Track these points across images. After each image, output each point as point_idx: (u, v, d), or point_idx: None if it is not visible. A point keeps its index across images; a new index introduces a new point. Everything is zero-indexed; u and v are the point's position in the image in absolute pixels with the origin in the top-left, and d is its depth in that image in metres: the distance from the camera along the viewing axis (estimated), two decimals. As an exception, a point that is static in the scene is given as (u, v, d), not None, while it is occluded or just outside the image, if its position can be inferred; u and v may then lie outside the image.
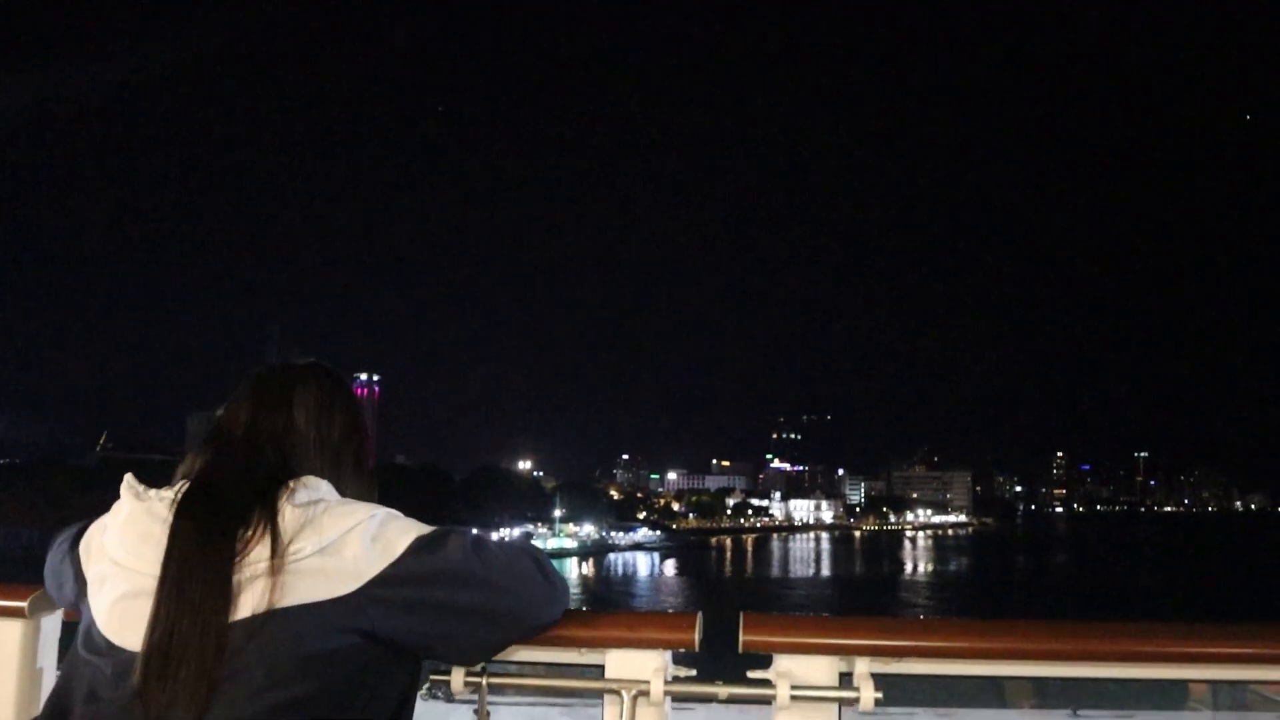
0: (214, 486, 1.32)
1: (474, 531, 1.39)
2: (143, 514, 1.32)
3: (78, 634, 1.35)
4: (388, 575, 1.27)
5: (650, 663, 1.50)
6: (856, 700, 1.45)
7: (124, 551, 1.30)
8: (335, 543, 1.26)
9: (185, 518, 1.28)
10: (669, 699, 1.50)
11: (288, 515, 1.28)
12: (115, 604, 1.28)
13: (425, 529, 1.34)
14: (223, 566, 1.22)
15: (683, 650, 1.52)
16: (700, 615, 1.53)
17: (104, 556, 1.33)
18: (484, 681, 1.50)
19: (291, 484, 1.33)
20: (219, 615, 1.20)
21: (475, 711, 1.52)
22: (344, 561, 1.25)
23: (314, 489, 1.34)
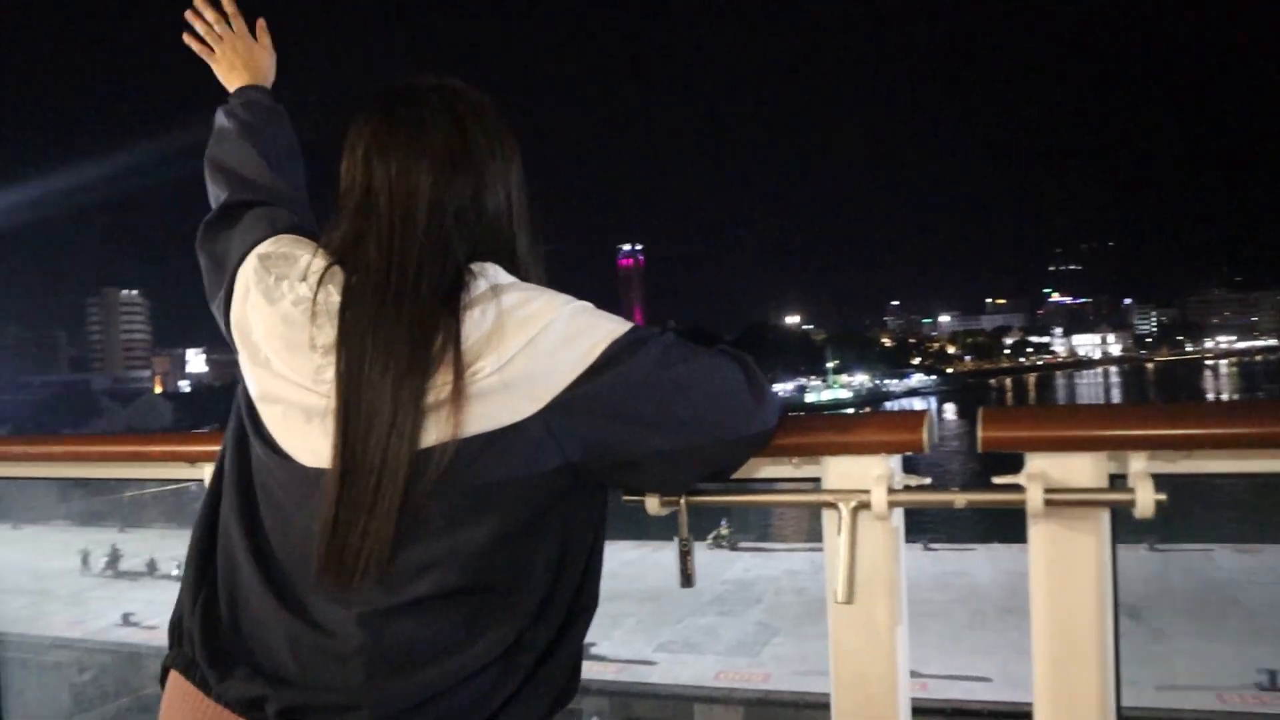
0: (389, 283, 1.08)
1: (672, 333, 1.15)
2: (278, 321, 1.13)
3: (239, 390, 1.20)
4: (577, 391, 1.05)
5: (871, 469, 1.27)
6: (1132, 503, 1.16)
7: (271, 353, 1.14)
8: (517, 355, 1.04)
9: (360, 324, 1.06)
10: (896, 511, 1.28)
11: (469, 322, 1.05)
12: (267, 404, 1.14)
13: (618, 329, 1.09)
14: (413, 391, 1.03)
15: (911, 454, 1.28)
16: (931, 413, 1.29)
17: (249, 331, 1.17)
18: (683, 502, 1.32)
19: (470, 273, 1.10)
20: (412, 447, 1.03)
21: (677, 535, 1.34)
22: (527, 378, 1.04)
23: (492, 277, 1.10)
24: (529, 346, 1.05)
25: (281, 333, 1.13)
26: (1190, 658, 16.71)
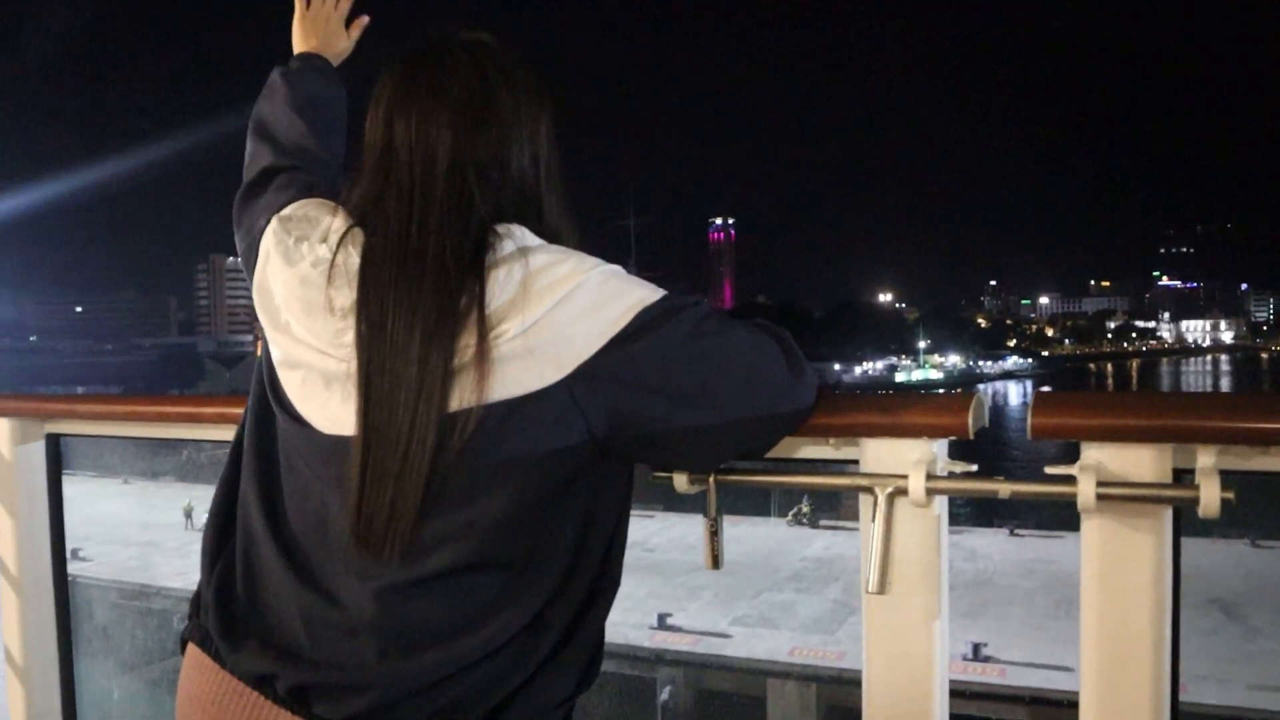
0: (410, 242, 1.04)
1: (706, 303, 1.08)
2: (296, 283, 1.10)
3: (261, 366, 1.17)
4: (603, 359, 1.00)
5: (910, 453, 1.20)
6: (1195, 501, 1.07)
7: (290, 317, 1.10)
8: (543, 319, 0.99)
9: (380, 285, 1.02)
10: (938, 499, 1.20)
11: (494, 283, 1.00)
12: (287, 369, 1.10)
13: (650, 296, 1.03)
14: (441, 353, 0.99)
15: (955, 439, 1.21)
16: (980, 395, 1.21)
17: (270, 297, 1.14)
18: (712, 480, 1.27)
19: (495, 234, 1.05)
20: (440, 411, 0.98)
21: (705, 515, 1.29)
22: (553, 343, 0.99)
23: (518, 239, 1.04)
24: (555, 310, 0.99)
25: (300, 295, 1.09)
26: (1288, 658, 16.05)
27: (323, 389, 1.06)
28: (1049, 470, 1.16)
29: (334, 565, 1.05)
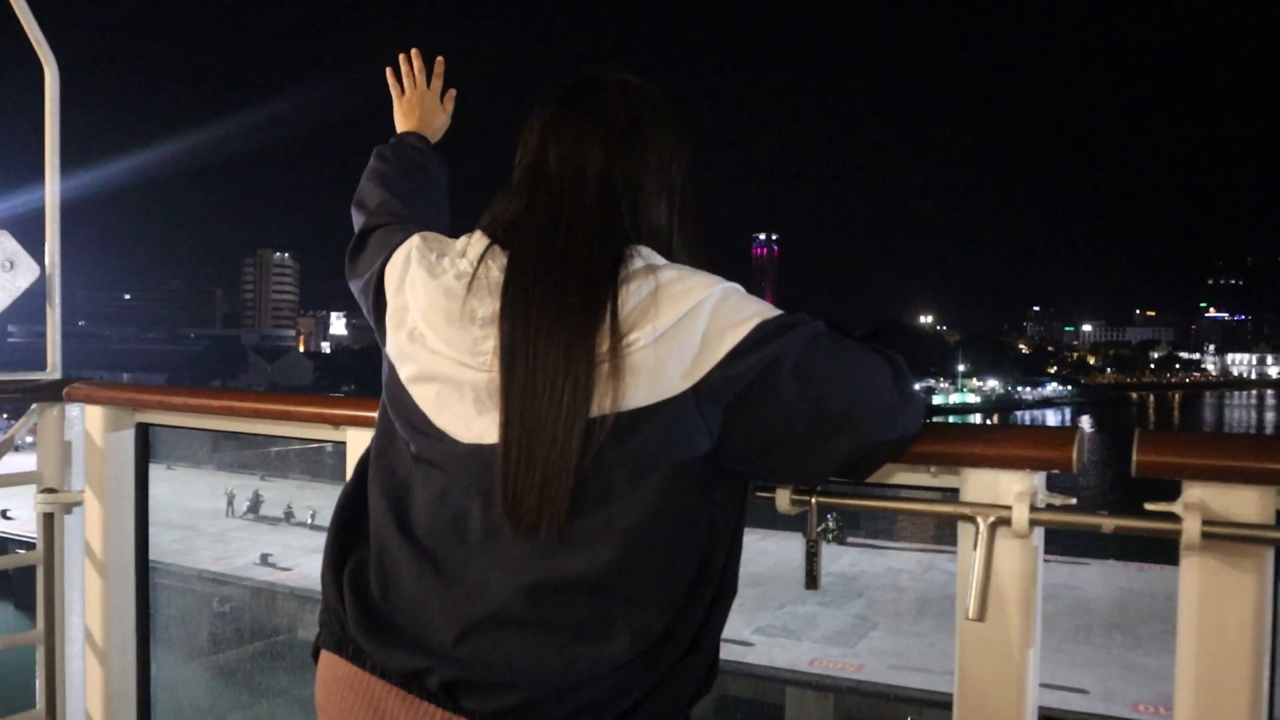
0: (556, 251, 1.09)
1: (821, 324, 1.12)
2: (440, 294, 1.14)
3: (385, 382, 1.21)
4: (725, 370, 1.04)
5: (1014, 485, 1.22)
6: None
7: (427, 328, 1.14)
8: (669, 331, 1.03)
9: (524, 294, 1.07)
10: (1037, 529, 1.23)
11: (627, 294, 1.05)
12: (421, 384, 1.14)
13: (768, 312, 1.07)
14: (586, 354, 1.03)
15: (1058, 472, 1.23)
16: (1084, 430, 1.23)
17: (404, 314, 1.18)
18: (813, 501, 1.30)
19: (631, 250, 1.10)
20: (586, 410, 1.03)
21: (805, 536, 1.32)
22: (679, 354, 1.03)
23: (647, 258, 1.10)
24: (682, 322, 1.04)
25: (442, 306, 1.13)
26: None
27: (459, 399, 1.11)
28: (1150, 507, 1.18)
29: (478, 564, 1.08)
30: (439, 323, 1.13)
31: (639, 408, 1.03)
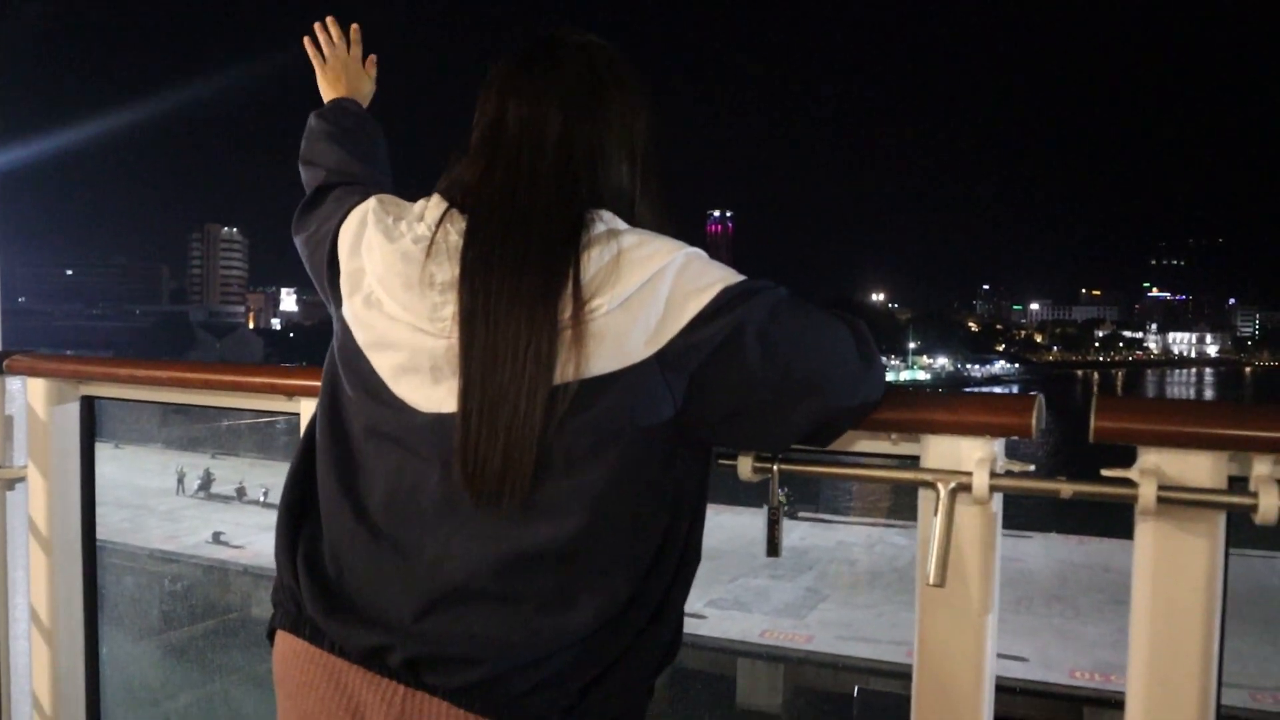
0: (515, 215, 1.07)
1: (784, 290, 1.11)
2: (397, 258, 1.10)
3: (335, 347, 1.18)
4: (688, 336, 1.03)
5: (974, 451, 1.23)
6: (1253, 508, 1.11)
7: (385, 293, 1.11)
8: (632, 297, 1.02)
9: (484, 260, 1.04)
10: (997, 495, 1.24)
11: (588, 260, 1.03)
12: (377, 350, 1.11)
13: (732, 278, 1.06)
14: (549, 318, 1.01)
15: (1016, 439, 1.24)
16: (1042, 398, 1.24)
17: (360, 278, 1.15)
18: (775, 468, 1.30)
19: (591, 215, 1.08)
20: (549, 375, 1.00)
21: (766, 504, 1.32)
22: (643, 320, 1.02)
23: (609, 222, 1.08)
24: (644, 288, 1.03)
25: (400, 270, 1.10)
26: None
27: (418, 367, 1.08)
28: (1106, 473, 1.19)
29: (436, 537, 1.06)
30: (397, 288, 1.10)
31: (602, 374, 1.02)
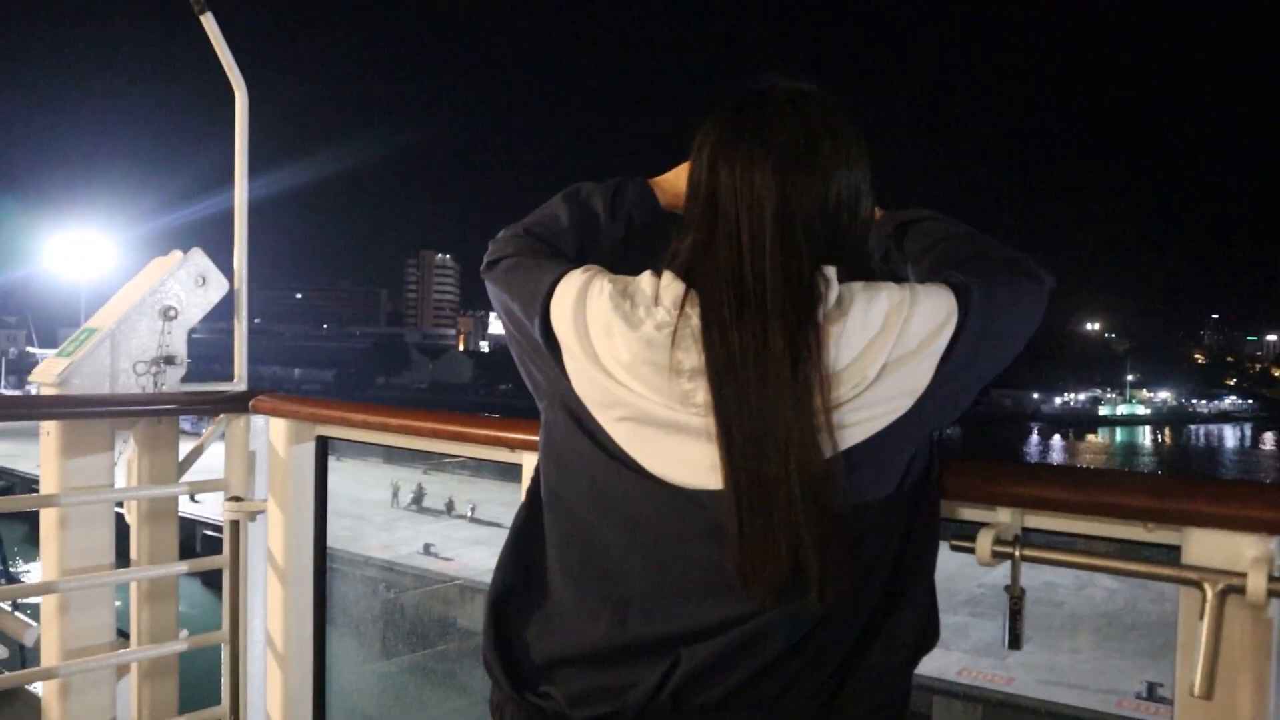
0: (745, 295, 1.04)
1: (975, 277, 1.11)
2: (641, 346, 1.08)
3: (573, 420, 1.15)
4: (940, 374, 1.05)
5: (1248, 549, 1.10)
6: None
7: (633, 380, 1.09)
8: (887, 360, 1.03)
9: (726, 344, 1.03)
10: (1275, 601, 1.10)
11: (834, 330, 1.03)
12: (626, 425, 1.09)
13: (952, 300, 1.07)
14: (803, 403, 1.00)
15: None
16: (1329, 489, 1.10)
17: (594, 359, 1.12)
18: (1017, 553, 1.22)
19: (824, 280, 1.05)
20: (817, 457, 1.00)
21: (1007, 589, 1.25)
22: (900, 377, 1.03)
23: (838, 288, 1.05)
24: (895, 348, 1.04)
25: (646, 358, 1.08)
26: None
27: (674, 443, 1.08)
28: None
29: (705, 610, 1.08)
30: (646, 374, 1.08)
31: (862, 441, 1.03)
